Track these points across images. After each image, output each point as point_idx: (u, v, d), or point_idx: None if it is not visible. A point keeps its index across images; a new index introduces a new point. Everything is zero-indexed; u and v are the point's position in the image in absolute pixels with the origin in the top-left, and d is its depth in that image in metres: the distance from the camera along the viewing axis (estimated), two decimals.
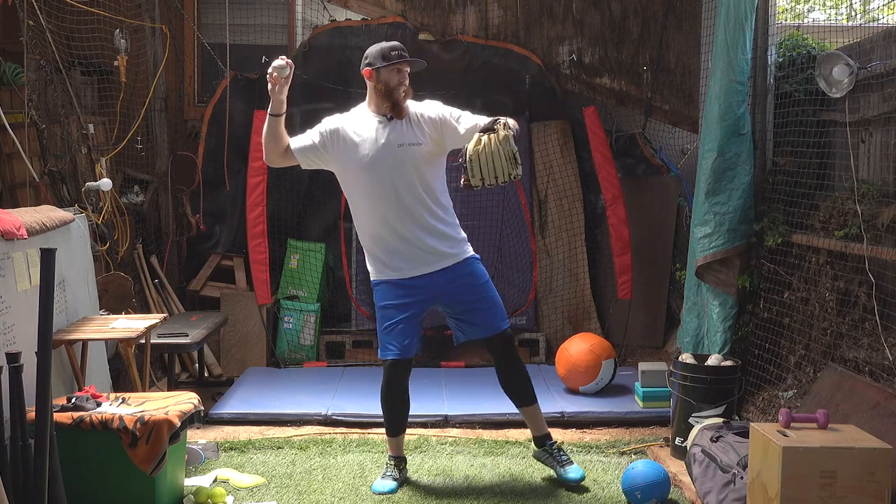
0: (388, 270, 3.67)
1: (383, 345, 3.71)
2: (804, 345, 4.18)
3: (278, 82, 3.55)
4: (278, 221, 6.21)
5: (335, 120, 3.71)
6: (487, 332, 3.74)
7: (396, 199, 3.59)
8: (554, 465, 3.80)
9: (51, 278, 2.83)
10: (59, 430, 3.12)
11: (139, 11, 6.01)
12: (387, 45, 3.68)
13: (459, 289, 3.69)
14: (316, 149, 3.67)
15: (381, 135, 3.61)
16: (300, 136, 3.71)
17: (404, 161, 3.59)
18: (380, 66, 3.62)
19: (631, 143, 6.32)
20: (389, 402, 3.79)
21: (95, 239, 4.94)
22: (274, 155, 3.68)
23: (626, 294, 5.89)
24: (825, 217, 4.07)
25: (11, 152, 5.07)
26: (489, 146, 3.34)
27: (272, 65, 3.57)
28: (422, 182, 3.62)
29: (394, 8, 6.24)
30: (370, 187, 3.60)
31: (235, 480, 3.76)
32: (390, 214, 3.60)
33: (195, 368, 5.70)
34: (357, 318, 6.22)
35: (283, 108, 3.60)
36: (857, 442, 2.87)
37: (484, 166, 3.35)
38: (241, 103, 6.16)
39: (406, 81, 3.65)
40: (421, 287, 3.65)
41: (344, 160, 3.65)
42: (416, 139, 3.62)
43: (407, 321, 3.67)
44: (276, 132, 3.63)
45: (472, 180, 3.37)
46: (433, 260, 3.65)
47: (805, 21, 6.02)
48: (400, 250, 3.64)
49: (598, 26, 6.26)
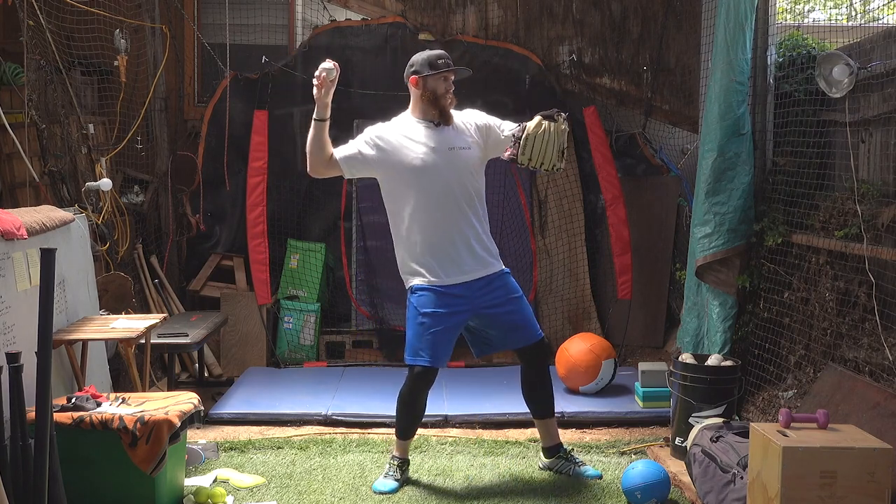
0: (430, 276, 3.63)
1: (415, 350, 3.65)
2: (804, 345, 4.18)
3: (325, 84, 3.53)
4: (278, 221, 6.21)
5: (379, 128, 3.70)
6: (526, 340, 3.73)
7: (450, 200, 3.60)
8: (571, 468, 3.83)
9: (51, 278, 2.82)
10: (59, 430, 3.12)
11: (139, 11, 6.01)
12: (433, 53, 3.69)
13: (497, 299, 3.68)
14: (363, 157, 3.64)
15: (430, 139, 3.63)
16: (344, 146, 3.67)
17: (456, 164, 3.62)
18: (427, 74, 3.63)
19: (631, 143, 6.32)
20: (408, 408, 3.78)
21: (95, 239, 4.94)
22: (319, 164, 3.63)
23: (626, 294, 5.89)
24: (825, 217, 4.07)
25: (11, 152, 5.07)
26: (548, 132, 3.46)
27: (320, 66, 3.54)
28: (472, 186, 3.68)
29: (394, 8, 6.24)
30: (423, 190, 3.59)
31: (235, 480, 3.76)
32: (441, 217, 3.60)
33: (195, 368, 5.70)
34: (357, 318, 6.22)
35: (328, 113, 3.57)
36: (857, 442, 2.87)
37: (537, 148, 3.48)
38: (241, 103, 6.16)
39: (452, 89, 3.67)
40: (460, 296, 3.63)
41: (394, 166, 3.63)
42: (466, 143, 3.67)
43: (444, 332, 3.63)
44: (322, 139, 3.59)
45: (521, 157, 3.49)
46: (474, 267, 3.65)
47: (805, 21, 6.02)
48: (447, 254, 3.62)
49: (598, 26, 6.26)
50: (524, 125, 3.56)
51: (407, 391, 3.74)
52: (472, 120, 3.76)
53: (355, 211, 6.23)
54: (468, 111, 3.81)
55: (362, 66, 6.22)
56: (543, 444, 3.93)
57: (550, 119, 3.52)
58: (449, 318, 3.63)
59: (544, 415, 3.88)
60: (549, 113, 3.54)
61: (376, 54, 6.22)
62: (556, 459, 3.88)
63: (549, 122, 3.51)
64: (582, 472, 3.81)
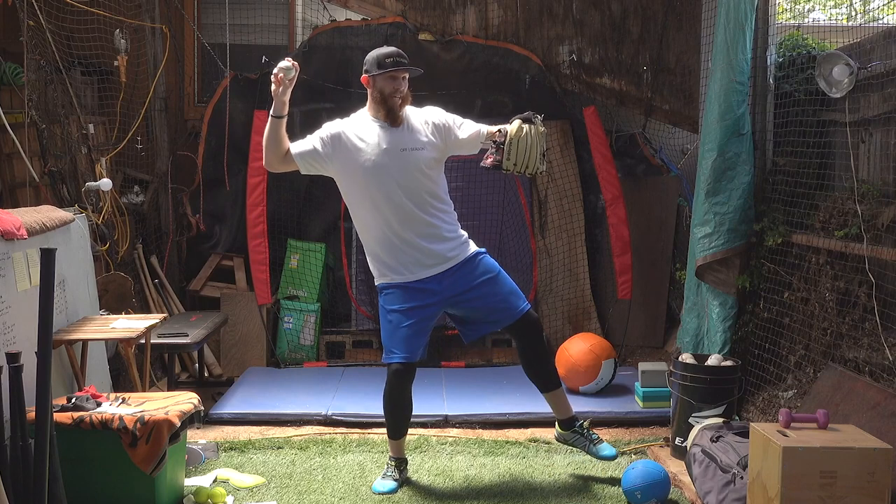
0: (393, 274, 3.64)
1: (388, 349, 3.67)
2: (804, 345, 4.18)
3: (283, 83, 3.52)
4: (278, 221, 6.21)
5: (336, 125, 3.69)
6: (512, 317, 3.69)
7: (400, 203, 3.57)
8: (586, 444, 3.82)
9: (51, 278, 2.82)
10: (59, 430, 3.12)
11: (139, 11, 6.01)
12: (383, 51, 3.65)
13: (468, 284, 3.65)
14: (317, 153, 3.63)
15: (383, 139, 3.60)
16: (300, 142, 3.67)
17: (408, 165, 3.58)
18: (375, 73, 3.61)
19: (631, 143, 6.32)
20: (392, 407, 3.77)
21: (95, 239, 4.94)
22: (274, 159, 3.63)
23: (626, 294, 5.89)
24: (825, 217, 4.07)
25: (11, 152, 5.07)
26: (529, 136, 3.47)
27: (278, 65, 3.53)
28: (424, 186, 3.62)
29: (394, 8, 6.24)
30: (374, 192, 3.58)
31: (235, 480, 3.76)
32: (394, 219, 3.59)
33: (195, 368, 5.70)
34: (357, 318, 6.22)
35: (285, 111, 3.57)
36: (857, 442, 2.87)
37: (521, 153, 3.47)
38: (241, 103, 6.16)
39: (402, 89, 3.62)
40: (428, 290, 3.62)
41: (346, 165, 3.62)
42: (419, 144, 3.62)
43: (413, 326, 3.62)
44: (278, 135, 3.58)
45: (506, 163, 3.48)
46: (437, 263, 3.63)
47: (805, 21, 6.02)
48: (405, 253, 3.61)
49: (598, 26, 6.26)
50: (504, 129, 3.52)
51: (389, 391, 3.73)
52: (429, 118, 3.70)
53: None
54: (428, 108, 3.75)
55: (362, 66, 6.20)
56: (557, 416, 3.89)
57: (529, 122, 3.51)
58: (418, 311, 3.62)
59: (548, 387, 3.83)
60: (526, 116, 3.54)
61: None
62: (571, 433, 3.84)
63: (528, 125, 3.50)
64: (598, 451, 3.79)
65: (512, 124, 3.52)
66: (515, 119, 3.54)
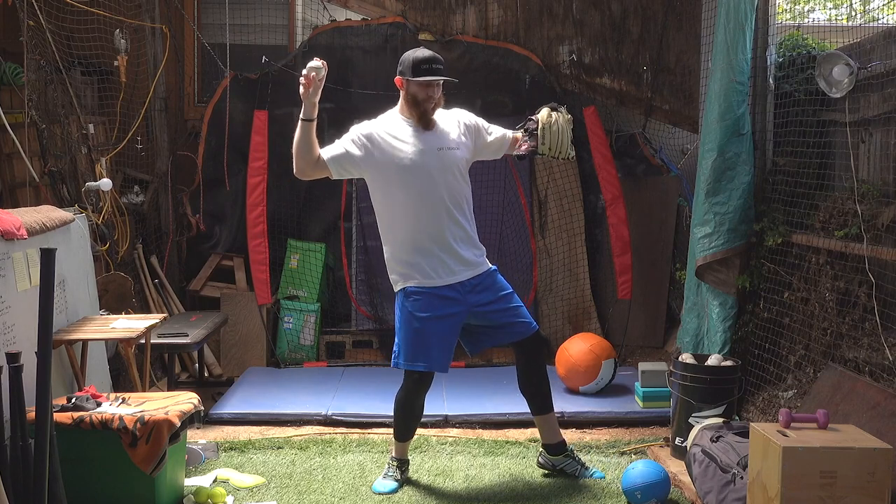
0: (421, 277, 3.57)
1: (411, 355, 3.59)
2: (804, 345, 4.18)
3: (313, 83, 3.44)
4: (278, 221, 6.21)
5: (367, 126, 3.61)
6: (522, 334, 3.70)
7: (436, 202, 3.55)
8: (578, 468, 3.81)
9: (51, 278, 2.83)
10: (59, 430, 3.12)
11: (139, 11, 6.01)
12: (420, 55, 3.58)
13: (488, 297, 3.65)
14: (350, 157, 3.55)
15: (419, 139, 3.57)
16: (331, 146, 3.58)
17: (445, 164, 3.57)
18: (409, 78, 3.57)
19: (631, 143, 6.32)
20: (404, 412, 3.75)
21: (95, 239, 4.94)
22: (306, 165, 3.52)
23: (626, 294, 5.89)
24: (825, 217, 4.07)
25: (11, 152, 5.07)
26: (559, 121, 3.63)
27: (308, 65, 3.44)
28: (460, 187, 3.62)
29: (394, 8, 6.24)
30: (411, 190, 3.53)
31: (235, 480, 3.76)
32: (429, 219, 3.55)
33: (195, 368, 5.70)
34: (357, 318, 6.22)
35: (315, 113, 3.47)
36: (857, 442, 2.87)
37: (554, 137, 3.65)
38: (241, 103, 6.16)
39: (436, 96, 3.59)
40: (453, 298, 3.59)
41: (381, 165, 3.55)
42: (454, 143, 3.63)
43: (441, 336, 3.59)
44: (309, 139, 3.47)
45: (542, 147, 3.66)
46: (463, 269, 3.61)
47: (805, 21, 6.01)
48: (434, 256, 3.56)
49: (598, 26, 6.26)
50: (535, 118, 3.66)
51: (404, 396, 3.71)
52: (460, 119, 3.71)
53: (355, 211, 6.24)
54: (456, 111, 3.76)
55: (362, 66, 6.22)
56: (545, 440, 3.86)
57: (555, 110, 3.68)
58: (445, 319, 3.59)
59: (543, 409, 3.82)
60: (552, 105, 3.72)
61: (376, 54, 6.22)
62: (564, 457, 3.83)
63: (557, 112, 3.67)
64: (590, 475, 3.79)
65: (541, 112, 3.66)
66: (543, 108, 3.68)
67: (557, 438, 3.85)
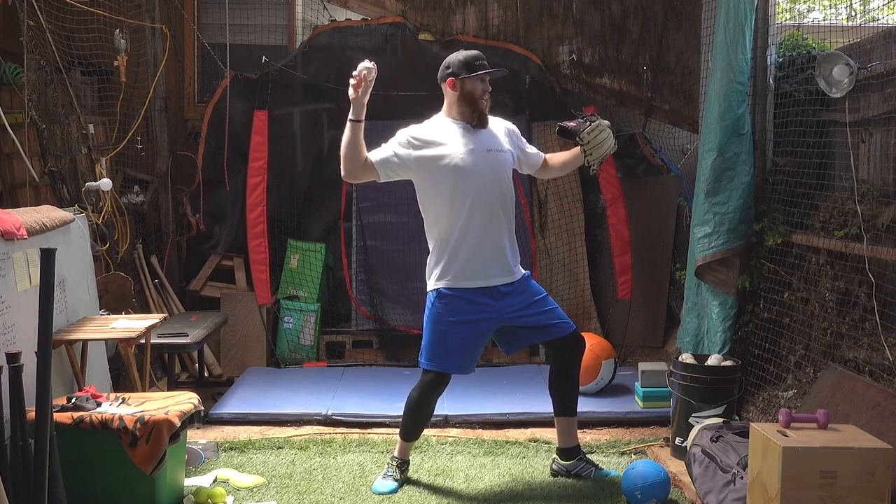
0: (460, 280, 3.56)
1: (432, 356, 3.60)
2: (804, 345, 4.18)
3: (363, 84, 3.46)
4: (278, 221, 6.21)
5: (414, 129, 3.63)
6: (564, 331, 3.69)
7: (487, 202, 3.55)
8: (592, 469, 3.80)
9: (51, 278, 2.83)
10: (59, 430, 3.12)
11: (139, 11, 6.01)
12: (470, 54, 3.66)
13: (523, 303, 3.64)
14: (399, 158, 3.56)
15: (468, 140, 3.59)
16: (378, 150, 3.58)
17: (495, 165, 3.60)
18: (464, 76, 3.59)
19: (631, 143, 6.31)
20: (416, 412, 3.74)
21: (95, 239, 4.94)
22: (355, 167, 3.52)
23: (626, 294, 5.89)
24: (825, 217, 4.07)
25: (11, 152, 5.08)
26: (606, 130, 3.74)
27: (360, 66, 3.46)
28: (508, 189, 3.65)
29: (394, 8, 6.24)
30: (462, 191, 3.53)
31: (235, 480, 3.76)
32: (479, 218, 3.55)
33: (195, 368, 5.70)
34: (357, 318, 6.22)
35: (363, 114, 3.48)
36: (857, 442, 2.87)
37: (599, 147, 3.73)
38: (241, 103, 6.16)
39: (489, 91, 3.66)
40: (485, 304, 3.57)
41: (430, 167, 3.55)
42: (502, 146, 3.66)
43: (468, 339, 3.59)
44: (357, 140, 3.48)
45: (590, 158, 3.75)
46: (501, 272, 3.61)
47: (805, 21, 6.02)
48: (478, 257, 3.56)
49: (598, 26, 6.26)
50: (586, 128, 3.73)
51: (418, 396, 3.70)
52: (505, 125, 3.78)
53: (355, 211, 6.23)
54: (497, 118, 3.80)
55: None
56: (561, 444, 3.83)
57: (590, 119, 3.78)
58: (472, 325, 3.58)
59: (567, 412, 3.79)
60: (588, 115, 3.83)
61: (376, 54, 6.21)
62: (578, 461, 3.81)
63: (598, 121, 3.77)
64: (604, 475, 3.78)
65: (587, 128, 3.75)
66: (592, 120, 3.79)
67: (573, 442, 3.84)
